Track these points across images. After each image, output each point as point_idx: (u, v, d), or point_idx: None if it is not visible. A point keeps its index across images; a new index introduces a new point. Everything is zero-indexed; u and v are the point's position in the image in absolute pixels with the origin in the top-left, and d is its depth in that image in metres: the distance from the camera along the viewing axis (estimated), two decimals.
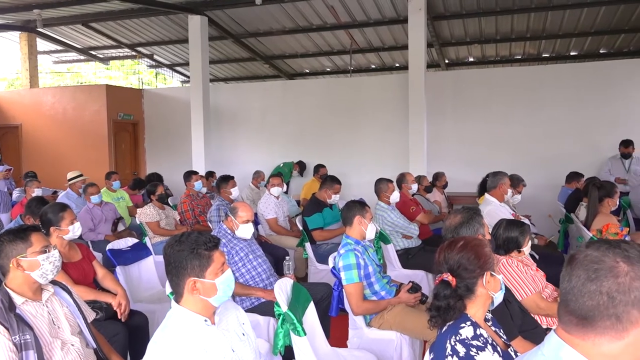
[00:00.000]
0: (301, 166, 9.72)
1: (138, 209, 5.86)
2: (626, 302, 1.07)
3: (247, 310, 3.49)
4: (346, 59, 12.15)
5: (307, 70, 13.64)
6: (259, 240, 5.28)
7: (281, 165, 9.58)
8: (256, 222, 5.82)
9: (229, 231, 3.76)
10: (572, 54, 11.42)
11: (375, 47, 11.35)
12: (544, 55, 11.67)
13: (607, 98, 8.47)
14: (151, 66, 14.17)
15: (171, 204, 6.85)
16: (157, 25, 10.70)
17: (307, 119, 10.20)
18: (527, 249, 3.09)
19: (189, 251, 1.90)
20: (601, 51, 11.21)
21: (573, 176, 6.93)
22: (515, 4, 8.73)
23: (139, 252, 4.29)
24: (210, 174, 8.19)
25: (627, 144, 7.55)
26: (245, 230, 3.74)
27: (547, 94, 8.77)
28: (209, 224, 5.68)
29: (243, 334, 2.07)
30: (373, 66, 12.95)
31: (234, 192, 5.97)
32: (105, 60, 13.84)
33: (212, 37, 10.40)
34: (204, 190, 6.89)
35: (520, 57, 11.87)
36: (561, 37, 10.33)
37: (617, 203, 4.59)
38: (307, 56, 12.20)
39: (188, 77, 12.78)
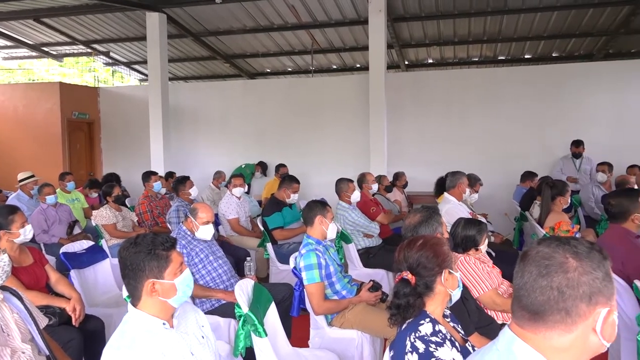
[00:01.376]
0: (263, 167, 9.67)
1: (94, 211, 5.71)
2: (575, 296, 1.11)
3: (207, 312, 3.45)
4: (307, 59, 12.16)
5: (269, 70, 13.58)
6: (220, 241, 5.22)
7: (243, 166, 9.50)
8: (217, 223, 5.76)
9: (188, 232, 3.71)
10: (526, 56, 11.77)
11: (336, 47, 11.41)
12: (500, 58, 11.98)
13: (559, 100, 8.79)
14: (107, 64, 13.78)
15: (129, 205, 6.70)
16: (114, 22, 10.42)
17: (269, 119, 10.16)
18: (484, 247, 3.17)
19: (147, 252, 1.86)
20: (554, 54, 11.61)
21: (527, 175, 7.16)
22: (472, 7, 8.93)
23: (94, 255, 4.18)
24: (170, 175, 8.04)
25: (577, 144, 7.85)
26: (206, 232, 3.70)
27: (503, 95, 9.03)
28: (168, 225, 5.58)
29: (202, 337, 2.04)
30: (334, 66, 13.00)
31: (193, 193, 5.90)
32: (58, 57, 13.40)
33: (171, 35, 10.22)
34: (163, 191, 6.76)
35: (477, 59, 12.15)
36: (516, 40, 10.64)
37: (569, 201, 4.76)
38: (269, 56, 12.14)
39: (146, 75, 12.51)
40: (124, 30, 10.88)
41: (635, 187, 5.17)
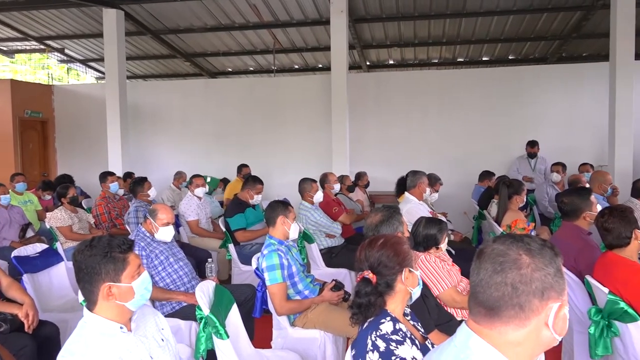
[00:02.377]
0: (225, 184, 9.47)
1: (48, 213, 5.52)
2: (528, 292, 1.15)
3: (168, 315, 3.39)
4: (270, 58, 12.12)
5: (230, 69, 13.45)
6: (180, 243, 5.14)
7: (208, 179, 9.27)
8: (177, 224, 5.67)
9: (147, 234, 3.63)
10: (484, 59, 12.08)
11: (298, 47, 11.40)
12: (458, 60, 12.25)
13: (515, 101, 9.06)
14: (62, 61, 13.35)
15: (86, 207, 6.52)
16: (69, 18, 10.09)
17: (231, 119, 10.07)
18: (444, 245, 3.24)
19: (102, 255, 1.81)
20: (510, 57, 11.95)
21: (485, 175, 7.33)
22: (432, 9, 9.09)
23: (48, 258, 4.04)
24: (128, 175, 7.85)
25: (532, 145, 8.11)
26: (165, 233, 3.63)
27: (462, 96, 9.24)
28: (127, 227, 5.46)
29: (162, 340, 2.00)
30: (296, 66, 13.00)
31: (151, 194, 5.79)
32: (10, 53, 12.89)
33: (129, 33, 9.98)
34: (121, 192, 6.60)
35: (437, 60, 12.38)
36: (474, 43, 10.89)
37: (525, 200, 4.90)
38: (230, 55, 12.03)
39: (103, 73, 12.17)
40: (79, 27, 10.56)
41: (587, 186, 5.35)
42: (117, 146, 9.01)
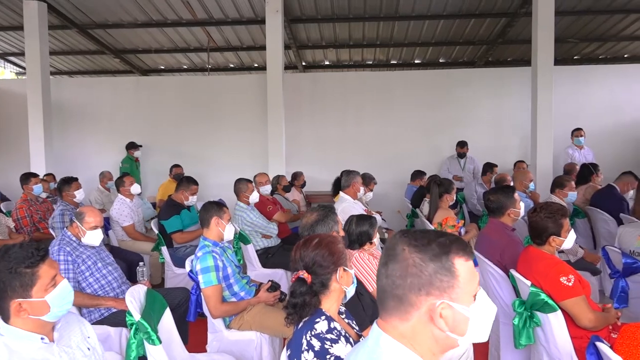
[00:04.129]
0: (132, 145, 9.11)
1: None
2: (404, 286, 1.17)
3: (96, 322, 3.25)
4: (204, 56, 11.88)
5: (163, 67, 13.07)
6: (110, 246, 4.93)
7: (122, 166, 8.95)
8: (106, 228, 5.44)
9: (74, 238, 3.46)
10: (416, 61, 12.43)
11: (233, 46, 11.25)
12: (392, 62, 12.53)
13: (446, 103, 9.40)
14: None
15: (4, 210, 6.12)
16: None
17: (163, 118, 9.81)
18: (376, 239, 3.31)
19: (6, 271, 1.67)
20: (441, 60, 12.37)
21: (417, 174, 7.55)
22: (366, 12, 9.25)
23: None
24: (49, 176, 7.43)
25: (462, 145, 8.45)
26: (93, 237, 3.46)
27: (395, 98, 9.48)
28: (51, 231, 5.17)
29: (88, 349, 1.91)
30: (232, 65, 12.83)
31: (79, 195, 5.52)
32: None
33: (53, 26, 9.47)
34: (44, 194, 6.24)
35: (371, 62, 12.61)
36: (406, 46, 11.18)
37: (454, 198, 5.09)
38: (162, 52, 11.68)
39: (24, 68, 11.47)
40: None
41: (512, 184, 5.63)
42: (39, 145, 8.50)
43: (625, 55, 11.78)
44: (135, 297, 2.61)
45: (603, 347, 1.99)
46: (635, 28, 9.93)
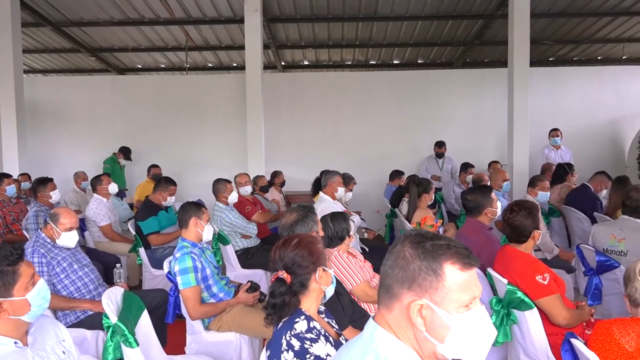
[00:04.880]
0: (124, 152, 9.06)
1: None
2: (392, 276, 1.22)
3: (72, 325, 3.20)
4: (182, 55, 11.76)
5: (140, 66, 12.89)
6: (86, 248, 4.85)
7: (104, 165, 8.83)
8: (82, 229, 5.36)
9: (48, 240, 3.39)
10: (395, 62, 12.50)
11: (212, 45, 11.16)
12: (371, 62, 12.58)
13: (424, 104, 9.49)
14: None
15: None
16: None
17: (140, 117, 9.69)
18: (353, 231, 3.34)
19: None
20: (419, 61, 12.46)
21: (395, 174, 7.60)
22: (345, 12, 9.27)
23: None
24: (24, 175, 7.27)
25: (440, 145, 8.53)
26: (68, 239, 3.41)
27: (374, 98, 9.53)
28: (25, 232, 5.06)
29: (63, 352, 1.87)
30: (210, 64, 12.73)
31: (55, 196, 5.41)
32: None
33: (26, 23, 9.26)
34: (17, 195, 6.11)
35: (350, 62, 12.64)
36: (385, 47, 11.23)
37: (433, 198, 5.13)
38: (139, 51, 11.51)
39: None
40: None
41: (489, 183, 5.70)
42: (12, 145, 8.28)
43: (599, 57, 12.03)
44: (112, 299, 2.58)
45: (577, 343, 2.03)
46: (607, 31, 10.15)
